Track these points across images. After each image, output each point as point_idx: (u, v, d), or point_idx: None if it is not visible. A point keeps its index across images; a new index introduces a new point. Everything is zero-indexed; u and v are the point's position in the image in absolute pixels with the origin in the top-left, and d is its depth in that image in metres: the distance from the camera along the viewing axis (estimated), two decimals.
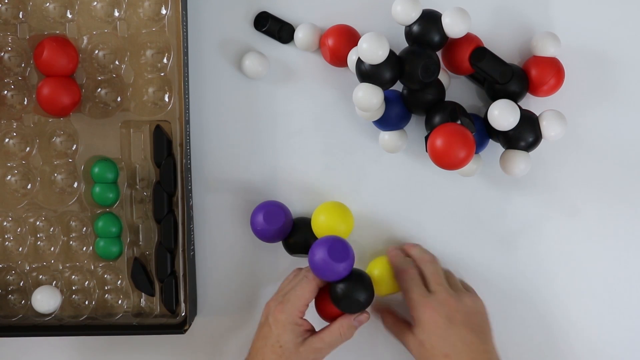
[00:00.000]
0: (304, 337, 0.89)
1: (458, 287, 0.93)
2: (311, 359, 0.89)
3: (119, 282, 0.96)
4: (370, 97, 0.89)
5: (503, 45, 0.95)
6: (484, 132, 0.93)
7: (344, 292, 0.88)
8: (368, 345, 0.98)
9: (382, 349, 0.99)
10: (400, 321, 0.94)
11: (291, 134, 0.97)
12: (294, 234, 0.96)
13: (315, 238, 0.95)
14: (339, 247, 0.88)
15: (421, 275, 0.92)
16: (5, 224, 0.95)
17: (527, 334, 0.98)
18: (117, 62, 0.93)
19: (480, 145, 0.93)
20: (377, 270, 0.94)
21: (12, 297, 0.96)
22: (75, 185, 0.95)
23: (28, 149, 0.94)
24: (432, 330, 0.88)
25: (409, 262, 0.94)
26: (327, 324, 0.91)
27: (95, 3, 0.92)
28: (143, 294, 0.96)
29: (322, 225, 0.93)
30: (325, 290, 0.90)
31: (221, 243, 0.98)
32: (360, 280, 0.89)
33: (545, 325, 0.98)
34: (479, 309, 0.91)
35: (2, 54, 0.93)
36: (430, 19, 0.89)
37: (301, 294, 0.89)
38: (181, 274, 0.94)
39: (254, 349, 0.90)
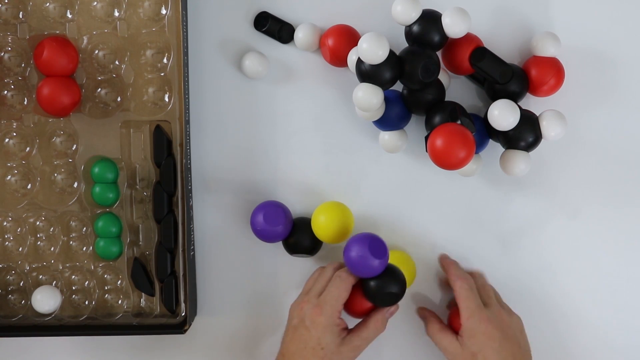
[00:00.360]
0: (342, 337, 0.89)
1: (502, 303, 0.94)
2: (351, 356, 0.89)
3: (119, 282, 0.96)
4: (370, 97, 0.89)
5: (503, 45, 0.95)
6: (484, 132, 0.93)
7: (379, 286, 0.89)
8: (373, 350, 0.98)
9: (387, 352, 0.99)
10: (445, 329, 0.93)
11: (291, 134, 0.97)
12: (294, 234, 0.96)
13: (315, 238, 0.95)
14: (377, 243, 0.89)
15: None
16: (5, 224, 0.95)
17: (527, 333, 0.97)
18: (117, 62, 0.93)
19: (480, 145, 0.93)
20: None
21: (12, 297, 0.96)
22: (75, 185, 0.95)
23: (28, 149, 0.94)
24: (487, 343, 0.88)
25: (465, 272, 0.95)
26: (351, 318, 0.91)
27: (95, 3, 0.92)
28: (143, 294, 0.96)
29: (322, 225, 0.93)
30: (353, 287, 0.91)
31: (221, 243, 0.98)
32: (393, 274, 0.90)
33: (545, 325, 0.98)
34: (522, 328, 0.93)
35: (2, 54, 0.92)
36: (430, 19, 0.88)
37: (338, 294, 0.89)
38: (181, 274, 0.94)
39: (288, 352, 0.89)
